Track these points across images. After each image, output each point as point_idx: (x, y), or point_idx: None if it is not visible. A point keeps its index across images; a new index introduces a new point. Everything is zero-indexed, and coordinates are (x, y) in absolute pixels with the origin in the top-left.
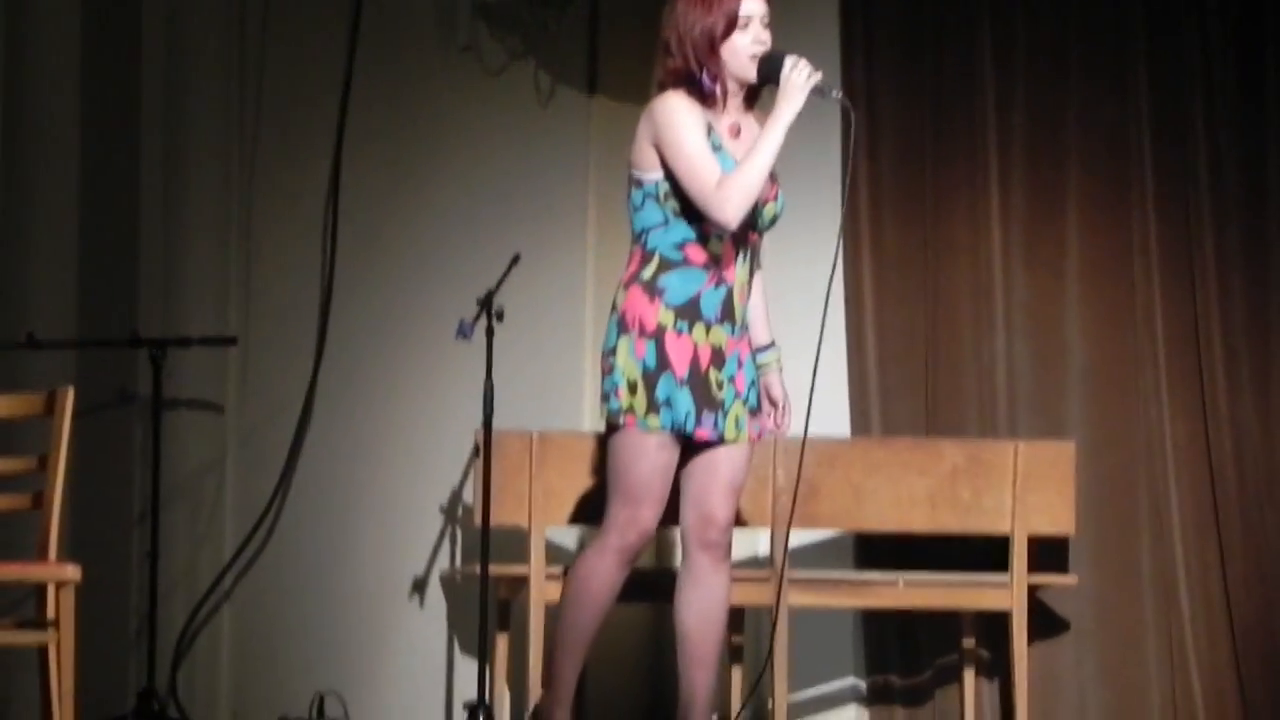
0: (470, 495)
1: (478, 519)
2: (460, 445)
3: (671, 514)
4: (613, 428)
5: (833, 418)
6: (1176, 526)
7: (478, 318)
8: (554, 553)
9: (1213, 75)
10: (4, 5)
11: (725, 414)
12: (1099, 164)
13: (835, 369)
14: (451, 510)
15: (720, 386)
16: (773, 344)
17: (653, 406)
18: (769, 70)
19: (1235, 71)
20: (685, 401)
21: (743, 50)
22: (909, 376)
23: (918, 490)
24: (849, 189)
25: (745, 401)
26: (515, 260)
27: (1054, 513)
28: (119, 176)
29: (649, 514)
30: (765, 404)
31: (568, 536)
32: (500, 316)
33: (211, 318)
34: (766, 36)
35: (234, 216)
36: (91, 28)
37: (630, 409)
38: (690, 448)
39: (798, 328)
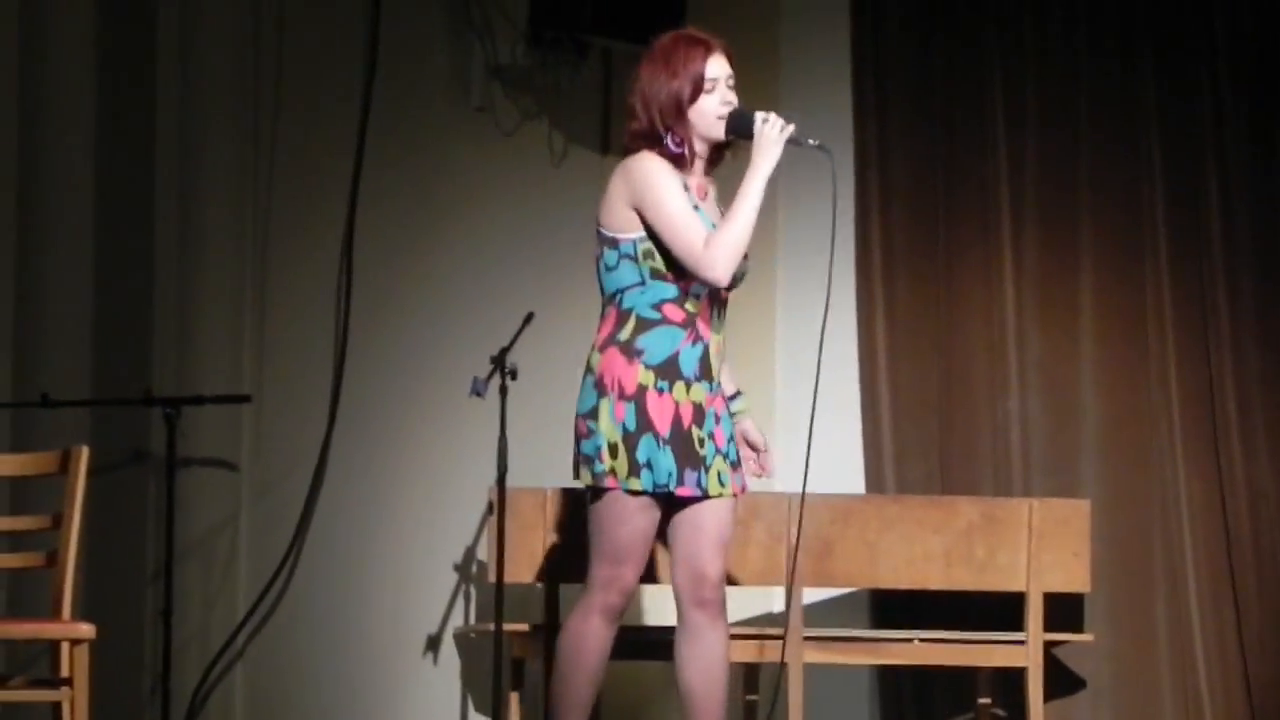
0: (484, 553)
1: (491, 576)
2: (474, 503)
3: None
4: (595, 491)
5: (847, 475)
6: (1192, 585)
7: (491, 375)
8: (569, 610)
9: (1224, 135)
10: (20, 63)
11: (707, 470)
12: (1111, 223)
13: (849, 427)
14: (465, 568)
15: (702, 444)
16: (739, 393)
17: (634, 469)
18: (739, 126)
19: (1248, 131)
20: (667, 462)
21: (710, 112)
22: (923, 434)
23: (933, 547)
24: (859, 245)
25: (726, 456)
26: (529, 319)
27: (1069, 571)
28: (133, 235)
29: (631, 573)
30: (745, 450)
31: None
32: (514, 374)
33: (225, 376)
34: (732, 97)
35: (248, 275)
36: (107, 89)
37: (612, 471)
38: (674, 505)
39: (811, 387)
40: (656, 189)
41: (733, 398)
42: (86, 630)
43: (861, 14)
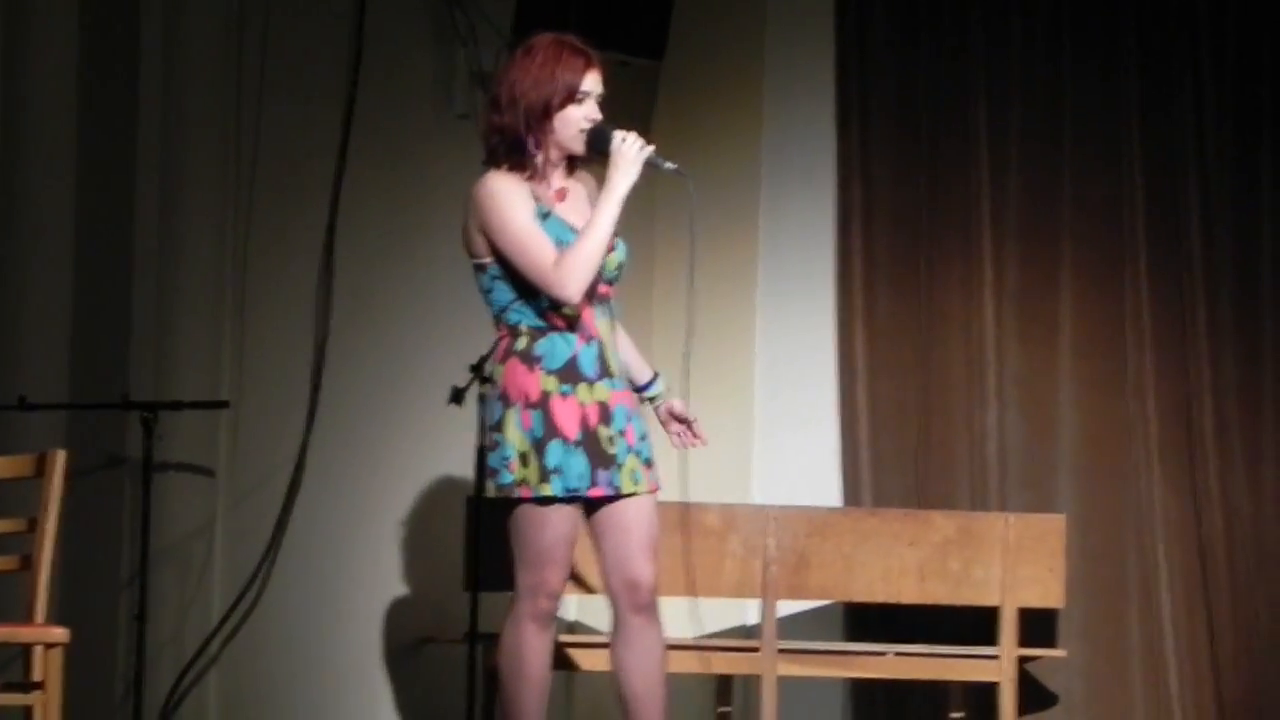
0: (459, 561)
1: (466, 585)
2: (450, 511)
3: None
4: (509, 501)
5: (824, 488)
6: (1166, 601)
7: (470, 384)
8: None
9: (1206, 151)
10: (0, 69)
11: (620, 469)
12: (1092, 238)
13: (827, 439)
14: (440, 576)
15: (611, 442)
16: (656, 375)
17: (544, 475)
18: (597, 143)
19: (1229, 147)
20: (578, 464)
21: (574, 123)
22: (901, 448)
23: (908, 561)
24: (841, 258)
25: (638, 454)
26: None
27: (1044, 586)
28: (112, 239)
29: (555, 578)
30: (675, 425)
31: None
32: (493, 382)
33: (203, 381)
34: (599, 116)
35: (227, 280)
36: (88, 94)
37: (524, 480)
38: (593, 506)
39: (790, 398)
40: (498, 211)
41: (649, 384)
42: (60, 634)
43: (845, 28)
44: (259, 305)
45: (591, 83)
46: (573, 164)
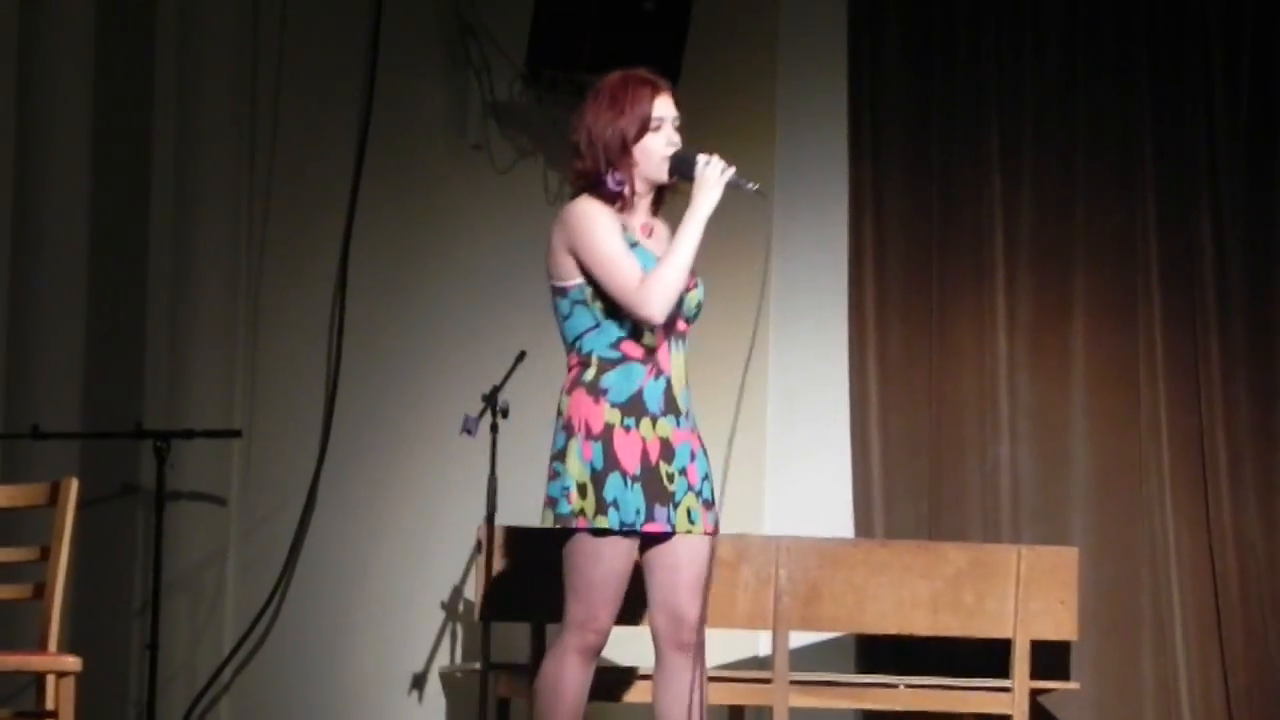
0: (472, 591)
1: (479, 615)
2: (463, 541)
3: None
4: (565, 531)
5: (836, 519)
6: (1179, 635)
7: (482, 414)
8: None
9: (1220, 185)
10: (17, 91)
11: (676, 506)
12: (1104, 271)
13: (839, 470)
14: (453, 606)
15: (671, 479)
16: None
17: (601, 507)
18: (682, 168)
19: (1242, 178)
20: (635, 499)
21: (655, 152)
22: (912, 480)
23: (920, 593)
24: (853, 291)
25: (699, 494)
26: (521, 357)
27: (1056, 618)
28: (126, 268)
29: (605, 613)
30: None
31: None
32: (505, 413)
33: (216, 410)
34: (677, 138)
35: (240, 310)
36: (103, 120)
37: (581, 511)
38: (647, 544)
39: (802, 430)
40: (589, 232)
41: None
42: (73, 663)
43: (858, 55)
44: (272, 335)
45: (663, 108)
46: (659, 201)
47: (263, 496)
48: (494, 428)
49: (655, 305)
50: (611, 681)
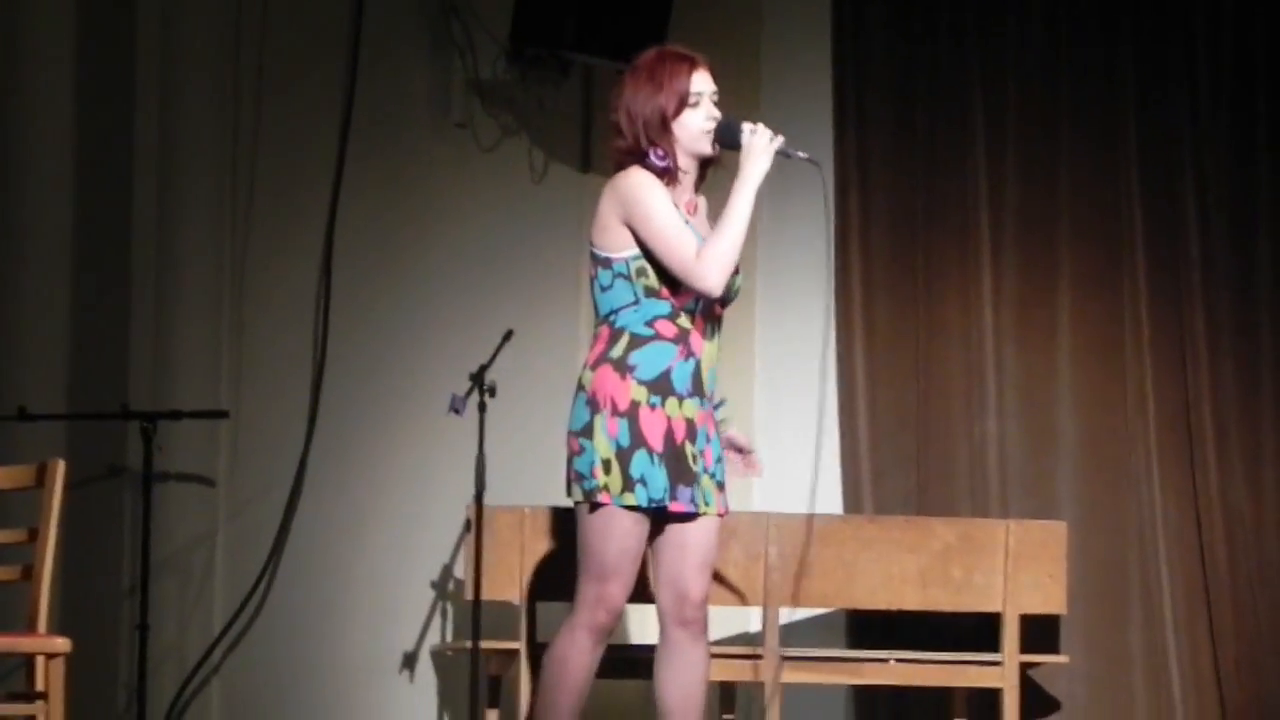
0: (461, 570)
1: (469, 594)
2: (452, 520)
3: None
4: (591, 506)
5: (825, 495)
6: (1168, 607)
7: (470, 393)
8: (546, 628)
9: (1204, 157)
10: None
11: (698, 487)
12: (1090, 245)
13: (828, 447)
14: (442, 585)
15: (694, 460)
16: (723, 400)
17: (628, 484)
18: (727, 139)
19: (1227, 153)
20: (661, 477)
21: (695, 127)
22: (901, 455)
23: (909, 568)
24: (840, 266)
25: (713, 476)
26: (508, 336)
27: (1045, 592)
28: (111, 250)
29: (619, 592)
30: (732, 455)
31: (559, 612)
32: (492, 392)
33: (203, 391)
34: (716, 112)
35: (226, 290)
36: (86, 103)
37: (605, 487)
38: (660, 522)
39: (789, 406)
40: (646, 203)
41: (717, 406)
42: (62, 644)
43: (841, 27)
44: (258, 315)
45: (701, 83)
46: (703, 177)
47: (251, 477)
48: (481, 407)
49: (714, 277)
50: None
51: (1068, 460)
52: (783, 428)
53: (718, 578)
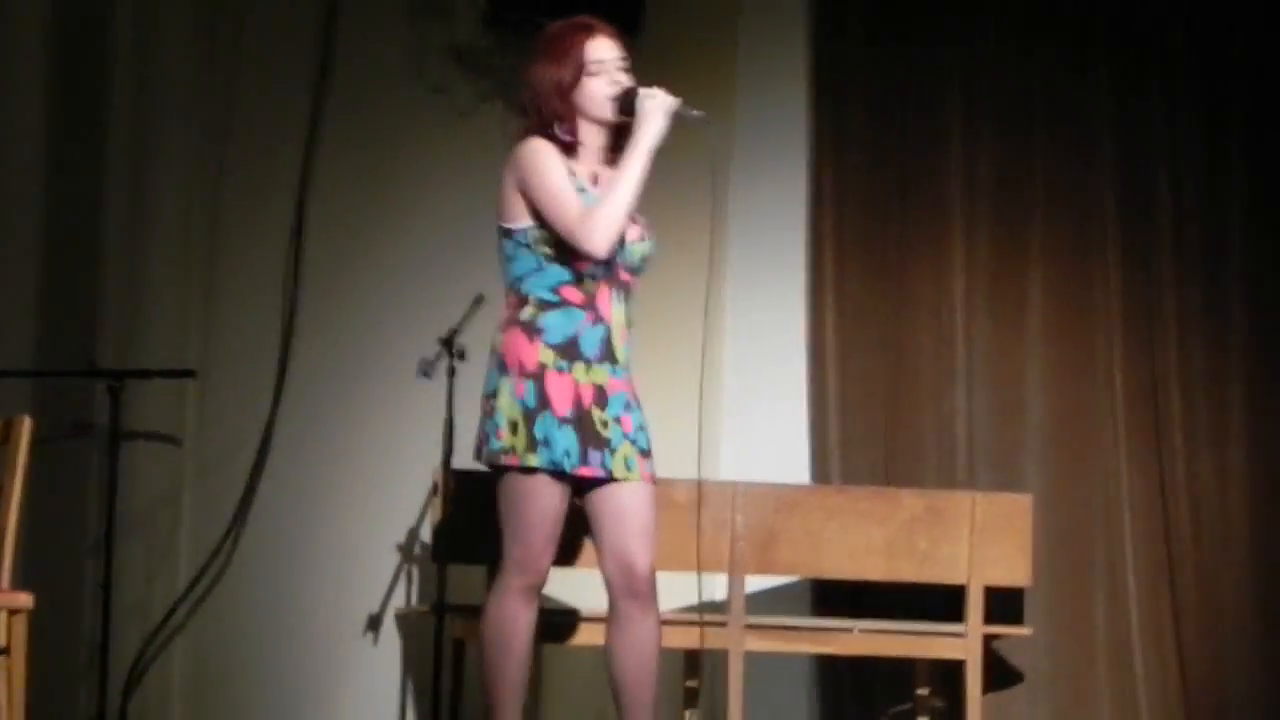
0: (427, 533)
1: (434, 557)
2: (419, 483)
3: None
4: (496, 469)
5: (793, 465)
6: (1131, 581)
7: (439, 356)
8: None
9: (1177, 135)
10: None
11: (613, 453)
12: (1062, 221)
13: (796, 416)
14: (408, 548)
15: (605, 425)
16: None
17: (531, 445)
18: (626, 105)
19: (1199, 131)
20: (565, 440)
21: (597, 94)
22: (869, 426)
23: (875, 539)
24: (813, 237)
25: (634, 443)
26: (479, 301)
27: (1010, 564)
28: (81, 207)
29: (543, 553)
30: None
31: None
32: (462, 356)
33: (171, 350)
34: (624, 79)
35: (196, 249)
36: (59, 60)
37: (511, 449)
38: (584, 490)
39: (759, 376)
40: (537, 170)
41: None
42: (25, 600)
43: (819, 7)
44: (228, 275)
45: (601, 51)
46: (615, 150)
47: (218, 437)
48: (451, 371)
49: (598, 239)
50: (560, 624)
51: (1035, 434)
52: (752, 397)
53: (682, 546)
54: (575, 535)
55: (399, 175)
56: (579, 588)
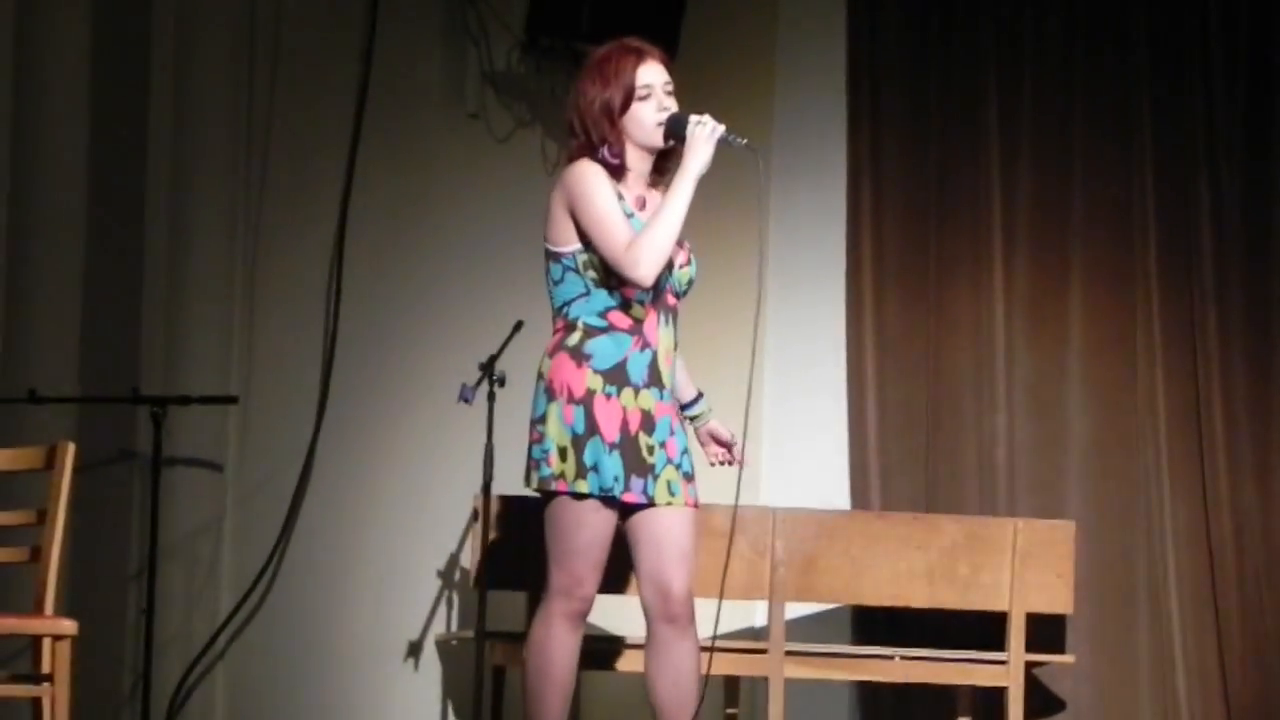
0: (468, 559)
1: (474, 583)
2: (459, 509)
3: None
4: (545, 494)
5: (833, 491)
6: (1175, 608)
7: (479, 382)
8: None
9: (1217, 156)
10: (14, 72)
11: (655, 478)
12: (1102, 244)
13: (836, 443)
14: (449, 574)
15: (651, 451)
16: (700, 395)
17: (581, 471)
18: (675, 130)
19: (1240, 152)
20: (614, 466)
21: (645, 119)
22: (909, 452)
23: (916, 565)
24: (851, 261)
25: (679, 467)
26: (518, 327)
27: (1052, 591)
28: (124, 234)
29: (589, 579)
30: (714, 448)
31: None
32: (502, 382)
33: (213, 376)
34: (671, 103)
35: (238, 275)
36: (101, 88)
37: (561, 475)
38: (628, 514)
39: (799, 402)
40: (586, 195)
41: (694, 401)
42: (69, 626)
43: (857, 22)
44: (269, 301)
45: (650, 75)
46: (659, 173)
47: (259, 463)
48: (491, 396)
49: (644, 266)
50: (603, 650)
51: (1077, 459)
52: (792, 424)
53: (722, 572)
54: (618, 561)
55: (437, 200)
56: (618, 613)
